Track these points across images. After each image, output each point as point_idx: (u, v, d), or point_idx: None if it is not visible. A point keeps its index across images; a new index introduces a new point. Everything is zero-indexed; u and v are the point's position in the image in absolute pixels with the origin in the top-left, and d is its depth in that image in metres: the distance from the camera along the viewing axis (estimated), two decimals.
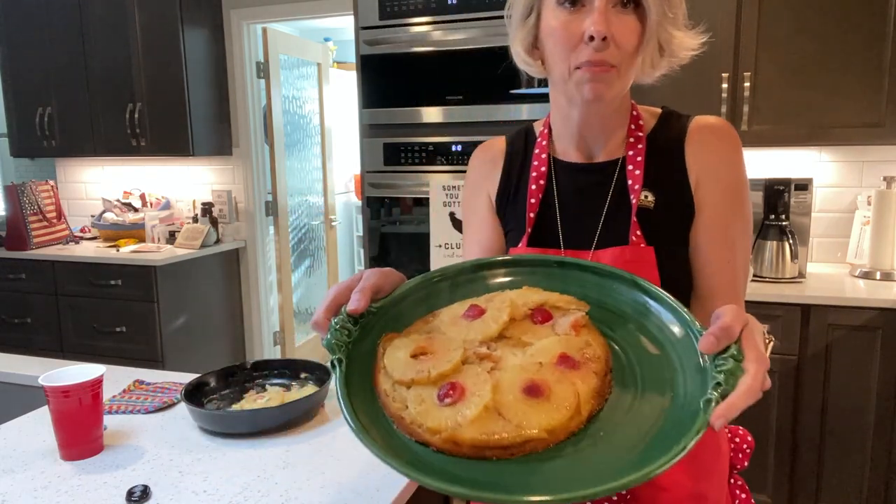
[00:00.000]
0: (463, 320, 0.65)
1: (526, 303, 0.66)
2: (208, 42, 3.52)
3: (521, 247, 0.91)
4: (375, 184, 2.70)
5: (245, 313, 3.85)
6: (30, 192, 3.49)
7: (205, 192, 3.81)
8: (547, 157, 0.94)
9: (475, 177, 1.02)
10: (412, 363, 0.60)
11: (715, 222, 0.86)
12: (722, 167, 0.87)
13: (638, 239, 0.85)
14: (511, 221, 0.96)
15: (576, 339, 0.60)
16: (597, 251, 0.87)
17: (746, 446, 1.00)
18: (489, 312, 0.64)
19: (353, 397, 0.57)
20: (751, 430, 2.44)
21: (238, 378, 1.38)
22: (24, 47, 3.60)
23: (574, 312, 0.64)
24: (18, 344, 3.50)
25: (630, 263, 0.82)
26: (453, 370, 0.59)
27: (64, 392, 1.05)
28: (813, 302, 2.17)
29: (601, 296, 0.67)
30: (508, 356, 0.60)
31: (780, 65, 2.37)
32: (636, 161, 0.89)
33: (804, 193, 2.43)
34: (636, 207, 0.86)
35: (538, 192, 0.93)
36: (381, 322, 0.67)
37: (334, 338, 0.62)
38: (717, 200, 0.86)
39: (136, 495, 0.95)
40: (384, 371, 0.61)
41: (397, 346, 0.63)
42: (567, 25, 0.80)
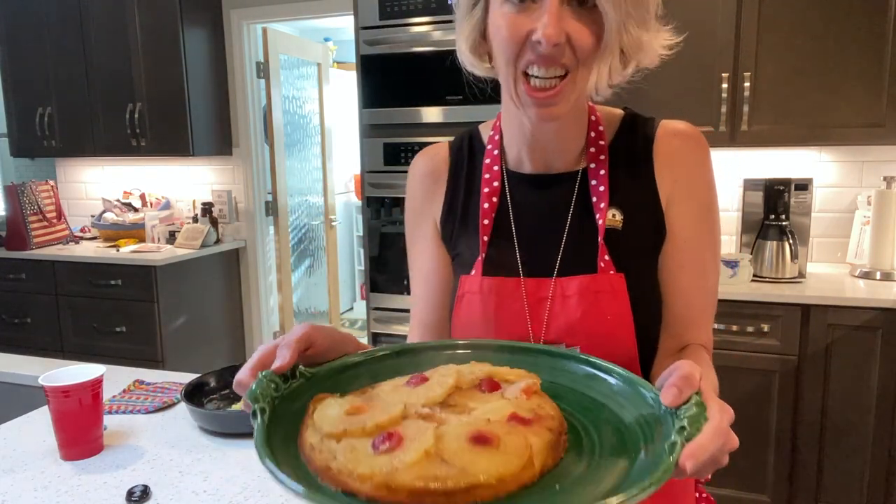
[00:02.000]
0: (405, 388, 0.58)
1: (473, 372, 0.60)
2: (208, 42, 3.52)
3: (476, 275, 0.80)
4: (375, 184, 2.70)
5: (245, 313, 3.86)
6: (30, 192, 3.49)
7: (205, 192, 3.81)
8: (499, 168, 0.84)
9: (416, 198, 0.90)
10: (345, 417, 0.53)
11: (688, 245, 0.79)
12: (694, 182, 0.79)
13: (606, 265, 0.77)
14: (460, 245, 0.85)
15: (527, 402, 0.55)
16: (560, 278, 0.78)
17: None
18: (434, 378, 0.59)
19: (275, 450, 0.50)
20: (751, 429, 2.44)
21: None
22: (24, 47, 3.60)
23: (525, 380, 0.59)
24: (18, 344, 3.50)
25: (600, 294, 0.76)
26: (391, 423, 0.52)
27: (64, 392, 1.05)
28: (813, 302, 2.17)
29: (553, 377, 0.63)
30: (452, 419, 0.53)
31: (780, 65, 2.37)
32: (599, 175, 0.79)
33: (804, 193, 2.43)
34: (603, 229, 0.77)
35: (491, 211, 0.82)
36: (314, 389, 0.59)
37: (259, 388, 0.55)
38: (691, 222, 0.79)
39: (136, 495, 0.95)
40: (312, 426, 0.53)
41: (329, 404, 0.56)
42: (514, 23, 0.69)
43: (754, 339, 2.25)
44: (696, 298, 0.80)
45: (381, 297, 2.76)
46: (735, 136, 2.44)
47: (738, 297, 2.25)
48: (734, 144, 2.46)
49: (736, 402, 2.29)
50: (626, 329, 0.75)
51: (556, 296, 0.77)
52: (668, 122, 0.82)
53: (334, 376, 0.62)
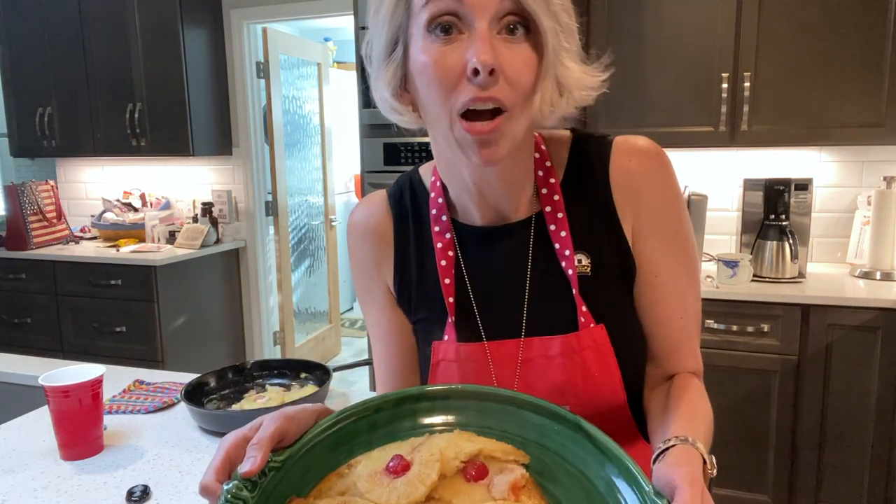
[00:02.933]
0: (385, 477, 0.54)
1: (457, 454, 0.56)
2: (208, 42, 3.52)
3: (450, 341, 0.75)
4: (375, 184, 2.70)
5: (245, 313, 3.86)
6: (30, 192, 3.49)
7: (205, 192, 3.81)
8: (447, 218, 0.76)
9: (362, 260, 0.82)
10: None
11: (661, 279, 0.74)
12: (658, 210, 0.73)
13: (587, 319, 0.71)
14: (422, 309, 0.78)
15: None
16: (529, 339, 0.72)
17: None
18: (415, 468, 0.54)
19: None
20: (751, 429, 2.44)
21: (238, 378, 1.38)
22: (24, 47, 3.60)
23: (512, 469, 0.56)
24: (18, 344, 3.50)
25: (585, 351, 0.71)
26: None
27: (64, 392, 1.05)
28: (813, 302, 2.17)
29: (541, 437, 0.59)
30: None
31: (780, 65, 2.37)
32: (557, 218, 0.73)
33: (804, 193, 2.43)
34: (575, 279, 0.71)
35: (450, 270, 0.75)
36: (285, 480, 0.55)
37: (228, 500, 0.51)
38: (661, 255, 0.74)
39: (136, 495, 0.95)
40: None
41: None
42: (442, 59, 0.62)
43: (754, 339, 2.25)
44: (679, 328, 0.76)
45: None
46: (735, 136, 2.44)
47: (738, 297, 2.25)
48: (734, 144, 2.46)
49: (736, 402, 2.29)
50: (614, 383, 0.72)
51: (536, 357, 0.72)
52: (622, 139, 0.75)
53: (306, 455, 0.57)
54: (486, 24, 0.61)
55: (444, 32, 0.62)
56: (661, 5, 2.48)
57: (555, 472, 0.56)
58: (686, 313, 0.76)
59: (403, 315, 0.81)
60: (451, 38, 0.62)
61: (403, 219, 0.80)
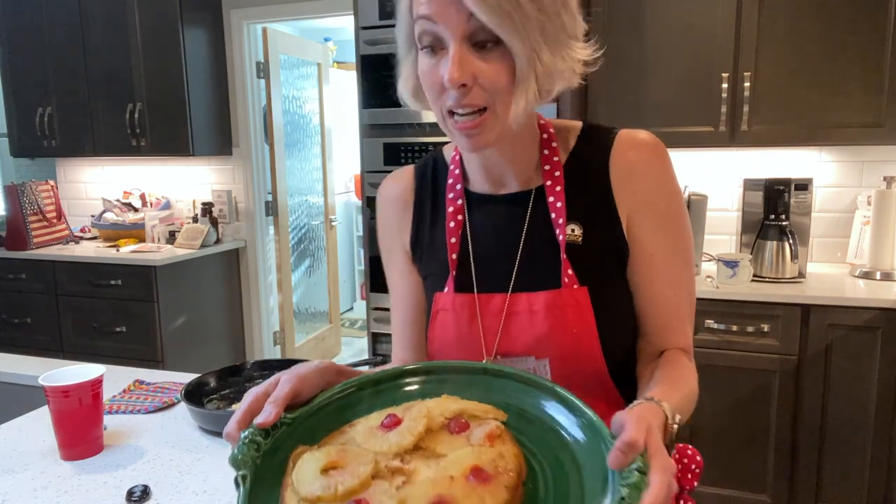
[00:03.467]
0: (378, 431, 0.63)
1: (443, 412, 0.64)
2: (208, 42, 3.52)
3: (448, 292, 0.84)
4: (375, 184, 2.70)
5: (245, 313, 3.86)
6: (30, 192, 3.49)
7: (205, 192, 3.81)
8: (461, 187, 0.87)
9: (385, 225, 0.94)
10: (321, 478, 0.58)
11: (656, 259, 0.81)
12: (655, 195, 0.80)
13: (570, 280, 0.78)
14: (431, 265, 0.88)
15: (489, 451, 0.59)
16: (516, 294, 0.80)
17: (695, 466, 0.89)
18: (405, 423, 0.62)
19: None
20: (751, 429, 2.45)
21: (238, 378, 1.38)
22: (24, 47, 3.60)
23: (490, 422, 0.63)
24: (18, 344, 3.50)
25: (566, 308, 0.78)
26: (361, 486, 0.57)
27: (64, 392, 1.05)
28: (813, 302, 2.17)
29: (522, 403, 0.66)
30: (422, 468, 0.58)
31: (780, 65, 2.37)
32: (556, 191, 0.81)
33: (804, 193, 2.43)
34: (564, 244, 0.79)
35: (457, 230, 0.85)
36: (294, 434, 0.64)
37: (241, 453, 0.60)
38: (656, 236, 0.80)
39: (136, 495, 0.95)
40: (292, 486, 0.59)
41: (307, 459, 0.60)
42: (428, 72, 0.73)
43: (754, 339, 2.25)
44: (671, 307, 0.82)
45: (381, 297, 2.76)
46: (735, 136, 2.44)
47: (738, 297, 2.25)
48: (734, 144, 2.46)
49: (736, 402, 2.29)
50: (591, 342, 0.77)
51: (522, 311, 0.79)
52: (626, 132, 0.82)
53: (314, 416, 0.67)
54: (457, 45, 0.69)
55: (431, 52, 0.72)
56: (662, 5, 2.48)
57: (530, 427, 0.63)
58: (678, 293, 0.82)
59: (417, 273, 0.91)
60: (435, 54, 0.72)
61: (424, 188, 0.91)
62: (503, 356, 0.80)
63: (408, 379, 0.71)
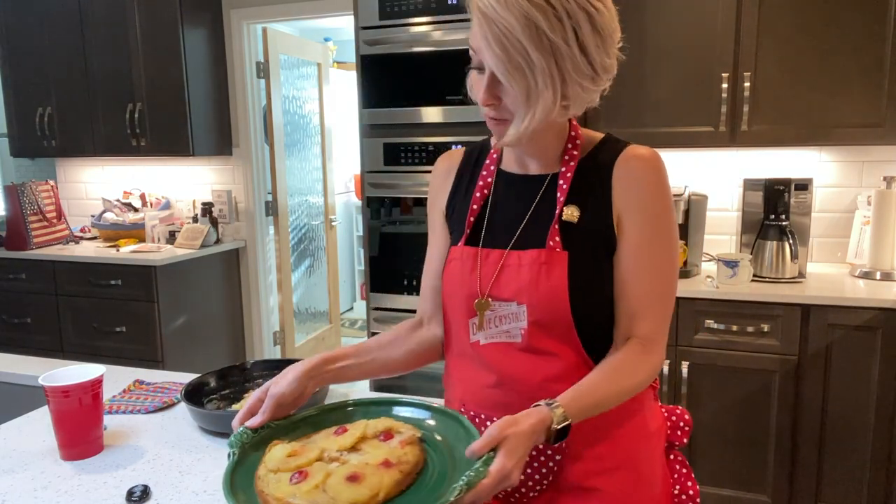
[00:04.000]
0: (332, 436, 0.90)
1: (377, 427, 0.90)
2: (208, 42, 3.52)
3: (459, 246, 1.02)
4: (375, 184, 2.70)
5: (245, 313, 3.86)
6: (30, 192, 3.49)
7: (205, 192, 3.81)
8: (495, 168, 1.06)
9: (432, 191, 1.14)
10: (284, 459, 0.84)
11: (639, 249, 0.94)
12: (646, 198, 0.94)
13: (555, 244, 0.94)
14: (456, 224, 1.07)
15: (399, 450, 0.84)
16: (512, 251, 0.97)
17: (684, 424, 1.09)
18: (349, 431, 0.90)
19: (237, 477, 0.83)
20: (751, 429, 2.45)
21: (238, 378, 1.38)
22: (24, 47, 3.60)
23: (406, 434, 0.88)
24: (18, 344, 3.51)
25: (545, 265, 0.93)
26: (307, 464, 0.83)
27: (64, 392, 1.05)
28: (813, 302, 2.17)
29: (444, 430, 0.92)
30: (353, 458, 0.84)
31: (780, 65, 2.37)
32: (566, 177, 0.97)
33: (804, 193, 2.43)
34: (558, 217, 0.95)
35: (480, 200, 1.04)
36: (275, 435, 0.91)
37: (236, 438, 0.89)
38: (641, 230, 0.94)
39: (136, 495, 0.95)
40: (264, 463, 0.85)
41: (278, 447, 0.87)
42: (474, 84, 0.93)
43: (754, 339, 2.25)
44: (642, 294, 0.95)
45: (381, 297, 2.76)
46: (735, 136, 2.44)
47: (738, 297, 2.25)
48: (734, 144, 2.46)
49: (736, 402, 2.29)
50: (562, 297, 0.92)
51: (513, 264, 0.96)
52: (633, 146, 0.98)
53: (290, 426, 0.94)
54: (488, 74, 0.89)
55: (478, 71, 0.91)
56: (662, 5, 2.48)
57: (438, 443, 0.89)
58: (654, 284, 0.95)
59: (447, 231, 1.09)
60: (480, 73, 0.91)
61: (467, 166, 1.10)
62: (493, 299, 0.97)
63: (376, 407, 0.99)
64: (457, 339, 1.04)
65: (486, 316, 0.97)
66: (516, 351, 0.96)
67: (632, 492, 0.98)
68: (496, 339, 0.97)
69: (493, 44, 0.84)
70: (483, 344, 0.98)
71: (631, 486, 0.98)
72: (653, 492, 1.01)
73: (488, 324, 0.97)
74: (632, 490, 0.98)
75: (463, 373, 1.03)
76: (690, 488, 1.06)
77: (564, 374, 0.94)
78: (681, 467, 1.08)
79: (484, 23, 0.84)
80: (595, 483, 0.96)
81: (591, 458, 0.96)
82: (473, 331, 0.99)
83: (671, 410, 1.09)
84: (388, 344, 1.09)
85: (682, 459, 1.09)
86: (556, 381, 0.93)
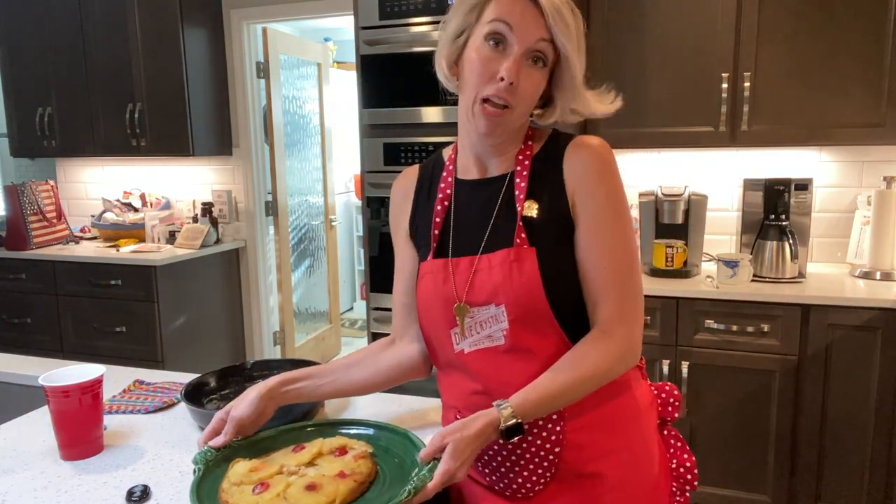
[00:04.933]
0: (290, 453, 0.98)
1: (332, 444, 0.98)
2: (208, 42, 3.52)
3: (429, 260, 1.04)
4: (375, 184, 2.70)
5: (245, 313, 3.86)
6: (30, 192, 3.49)
7: (205, 192, 3.81)
8: (452, 179, 1.07)
9: (394, 210, 1.16)
10: (247, 473, 0.91)
11: (591, 232, 0.97)
12: (594, 182, 0.98)
13: (522, 241, 0.97)
14: (421, 241, 1.08)
15: (353, 463, 0.93)
16: (483, 255, 0.99)
17: (674, 399, 1.12)
18: (306, 448, 0.98)
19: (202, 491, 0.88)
20: (751, 429, 2.44)
21: (238, 378, 1.38)
22: (24, 47, 3.60)
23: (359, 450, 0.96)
24: (18, 344, 3.50)
25: (515, 262, 0.96)
26: (268, 477, 0.90)
27: (64, 392, 1.05)
28: (813, 302, 2.17)
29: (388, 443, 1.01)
30: (310, 472, 0.92)
31: (780, 65, 2.37)
32: (522, 175, 1.01)
33: (804, 193, 2.43)
34: (521, 215, 0.98)
35: (442, 213, 1.06)
36: (237, 454, 0.98)
37: (200, 456, 0.95)
38: (592, 213, 0.97)
39: (136, 495, 0.95)
40: (227, 478, 0.91)
41: (240, 464, 0.93)
42: (487, 61, 0.94)
43: (754, 339, 2.25)
44: (603, 277, 0.97)
45: (381, 297, 2.76)
46: (735, 136, 2.44)
47: (738, 297, 2.25)
48: (734, 144, 2.46)
49: (736, 402, 2.29)
50: (537, 290, 0.94)
51: (484, 267, 0.98)
52: (579, 137, 1.01)
53: (251, 445, 1.01)
54: (521, 52, 0.93)
55: (494, 44, 0.94)
56: (661, 5, 2.48)
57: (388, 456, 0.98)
58: (610, 268, 0.97)
59: (413, 250, 1.11)
60: (497, 49, 0.94)
61: (424, 181, 1.12)
62: (470, 305, 0.99)
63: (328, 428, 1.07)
64: (441, 352, 1.05)
65: (465, 323, 0.99)
66: (500, 354, 0.97)
67: (632, 471, 1.00)
68: (480, 345, 0.99)
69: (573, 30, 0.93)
70: (468, 352, 1.00)
71: (631, 466, 1.00)
72: (652, 469, 1.04)
73: (469, 331, 0.99)
74: (632, 470, 1.00)
75: (451, 381, 1.06)
76: (687, 460, 1.09)
77: None
78: (675, 441, 1.11)
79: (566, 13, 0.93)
80: (596, 468, 0.98)
81: (587, 444, 0.98)
82: (457, 340, 1.01)
83: (660, 388, 1.12)
84: (355, 364, 1.12)
85: (676, 433, 1.12)
86: None
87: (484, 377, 0.99)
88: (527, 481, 0.99)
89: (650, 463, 1.04)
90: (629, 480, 1.00)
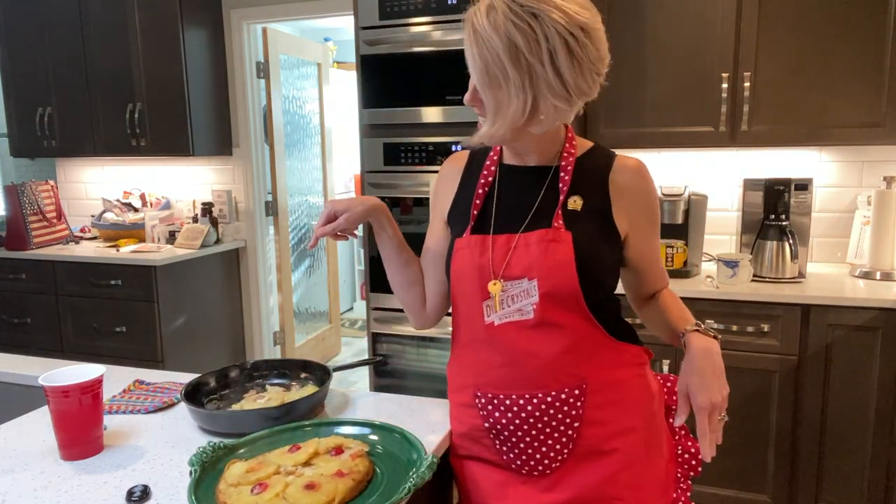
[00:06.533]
0: (286, 453, 1.00)
1: (328, 443, 1.00)
2: (208, 42, 3.52)
3: (465, 236, 1.11)
4: (375, 184, 2.70)
5: (245, 313, 3.86)
6: (30, 192, 3.49)
7: (205, 192, 3.81)
8: (496, 162, 1.16)
9: (439, 186, 1.23)
10: (244, 474, 0.92)
11: (645, 242, 1.15)
12: (645, 203, 1.12)
13: (559, 225, 1.05)
14: (458, 219, 1.16)
15: (350, 462, 0.95)
16: (523, 233, 1.07)
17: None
18: (302, 448, 1.00)
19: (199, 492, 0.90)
20: (751, 429, 2.44)
21: (238, 378, 1.38)
22: (24, 47, 3.60)
23: (355, 449, 0.99)
24: (18, 344, 3.51)
25: (552, 242, 1.04)
26: (266, 477, 0.92)
27: (64, 392, 1.05)
28: (813, 302, 2.17)
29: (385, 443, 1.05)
30: (308, 471, 0.94)
31: (780, 65, 2.37)
32: (567, 170, 1.10)
33: (804, 193, 2.43)
34: (562, 203, 1.08)
35: (483, 194, 1.14)
36: (230, 456, 1.01)
37: (196, 457, 0.97)
38: (651, 220, 1.14)
39: (136, 495, 0.95)
40: (224, 479, 0.93)
41: (237, 465, 0.95)
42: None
43: (754, 339, 2.25)
44: (657, 268, 1.21)
45: (381, 297, 2.76)
46: (735, 136, 2.44)
47: (738, 297, 2.25)
48: (734, 144, 2.46)
49: (736, 402, 2.29)
50: (570, 270, 1.03)
51: (521, 245, 1.06)
52: (621, 157, 1.12)
53: (244, 446, 1.04)
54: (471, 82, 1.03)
55: None
56: (661, 5, 2.48)
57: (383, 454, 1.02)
58: (658, 260, 1.21)
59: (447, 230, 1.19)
60: None
61: (471, 165, 1.19)
62: (505, 279, 1.05)
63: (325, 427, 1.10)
64: (467, 325, 1.10)
65: (499, 296, 1.05)
66: (527, 329, 1.04)
67: (646, 452, 1.08)
68: (509, 318, 1.05)
69: (476, 57, 0.97)
70: (498, 325, 1.05)
71: (643, 446, 1.08)
72: (661, 450, 1.12)
73: (502, 304, 1.05)
74: (646, 450, 1.08)
75: (473, 358, 1.10)
76: (692, 447, 1.17)
77: (573, 346, 1.04)
78: (679, 428, 1.18)
79: (472, 37, 0.96)
80: (613, 445, 1.05)
81: (606, 420, 1.05)
82: (488, 313, 1.06)
83: (665, 377, 1.22)
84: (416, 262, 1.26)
85: None
86: (565, 352, 1.03)
87: (510, 349, 1.05)
88: (545, 457, 1.04)
89: (660, 445, 1.11)
90: (643, 460, 1.07)
